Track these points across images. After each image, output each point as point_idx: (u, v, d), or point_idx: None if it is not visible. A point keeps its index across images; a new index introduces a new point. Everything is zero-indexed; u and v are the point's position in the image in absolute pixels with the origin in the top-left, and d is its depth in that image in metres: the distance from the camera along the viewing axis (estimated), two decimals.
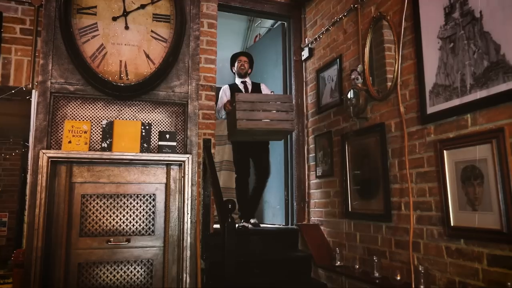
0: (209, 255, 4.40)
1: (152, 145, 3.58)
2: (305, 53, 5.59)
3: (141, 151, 3.48)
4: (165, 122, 3.67)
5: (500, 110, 2.69)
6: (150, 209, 3.58)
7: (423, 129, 3.36)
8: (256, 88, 5.34)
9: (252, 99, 4.25)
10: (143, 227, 3.56)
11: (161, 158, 3.50)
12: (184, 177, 3.55)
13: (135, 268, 3.50)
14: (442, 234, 3.11)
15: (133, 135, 3.45)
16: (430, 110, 3.25)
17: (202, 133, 4.69)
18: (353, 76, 4.21)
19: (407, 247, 3.36)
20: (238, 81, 5.40)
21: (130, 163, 3.49)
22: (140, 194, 3.58)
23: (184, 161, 3.55)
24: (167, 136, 3.52)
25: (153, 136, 3.60)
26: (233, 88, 5.28)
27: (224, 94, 5.27)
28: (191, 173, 3.57)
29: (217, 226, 4.41)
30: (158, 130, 3.61)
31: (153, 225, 3.59)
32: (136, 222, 3.54)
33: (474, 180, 2.83)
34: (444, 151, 3.08)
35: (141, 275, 3.50)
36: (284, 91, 5.88)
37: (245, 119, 4.14)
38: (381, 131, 3.84)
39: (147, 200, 3.59)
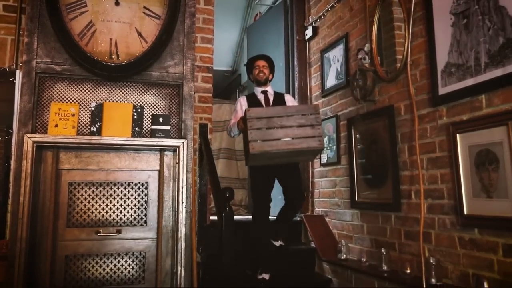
0: (205, 247, 4.43)
1: (145, 129, 3.58)
2: (308, 32, 5.58)
3: (133, 136, 3.47)
4: (158, 105, 3.67)
5: None
6: (142, 198, 3.58)
7: (434, 111, 3.37)
8: (279, 99, 4.54)
9: (268, 114, 3.65)
10: (134, 217, 3.56)
11: (154, 143, 3.49)
12: (178, 163, 3.56)
13: (126, 261, 3.50)
14: (454, 223, 3.13)
15: (124, 119, 3.45)
16: (442, 91, 3.26)
17: (198, 117, 4.70)
18: (360, 56, 4.21)
19: (417, 238, 3.38)
20: (257, 91, 4.59)
21: (120, 148, 3.48)
22: (132, 182, 3.58)
23: (178, 147, 3.55)
24: (161, 119, 3.52)
25: (145, 120, 3.60)
26: (251, 99, 4.56)
27: (240, 107, 4.54)
28: (186, 159, 3.57)
29: (214, 218, 4.43)
30: (151, 114, 3.61)
31: (145, 215, 3.59)
32: (128, 212, 3.54)
33: (488, 165, 2.84)
34: (457, 135, 3.09)
35: (132, 268, 3.51)
36: (287, 73, 5.88)
37: (259, 140, 3.60)
38: (389, 114, 3.84)
39: (139, 188, 3.59)
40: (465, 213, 3.00)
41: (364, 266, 3.96)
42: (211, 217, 4.80)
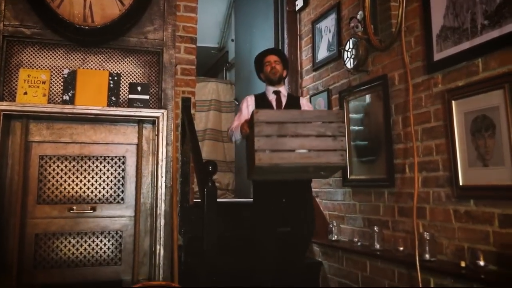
0: (188, 230, 4.44)
1: (122, 98, 3.58)
2: (299, 3, 5.59)
3: (109, 105, 3.46)
4: (136, 73, 3.67)
5: None
6: (119, 174, 3.59)
7: (429, 79, 3.40)
8: (294, 102, 4.12)
9: (281, 119, 3.19)
10: (111, 194, 3.56)
11: (132, 114, 3.48)
12: (158, 135, 3.56)
13: (101, 241, 3.51)
14: (450, 196, 3.17)
15: (99, 87, 3.44)
16: (437, 56, 3.29)
17: (180, 91, 4.70)
18: (352, 24, 4.23)
19: (411, 214, 3.42)
20: (269, 90, 4.14)
21: (96, 119, 3.47)
22: (108, 157, 3.57)
23: (158, 117, 3.55)
24: (139, 88, 3.52)
25: (122, 89, 3.60)
26: (261, 100, 4.12)
27: (246, 107, 4.11)
28: (166, 131, 3.58)
29: (198, 201, 4.44)
30: (128, 82, 3.61)
31: (122, 191, 3.59)
32: (103, 188, 3.55)
33: (485, 131, 2.88)
34: (453, 102, 3.13)
35: (108, 248, 3.51)
36: (276, 47, 5.88)
37: (268, 149, 3.13)
38: (383, 85, 3.88)
39: (115, 163, 3.59)
40: (461, 184, 3.04)
41: (356, 246, 4.00)
42: (195, 200, 4.82)
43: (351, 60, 4.22)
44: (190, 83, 4.76)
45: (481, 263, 2.81)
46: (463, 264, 2.91)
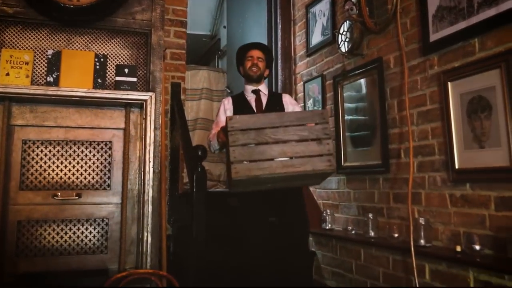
0: (177, 218, 4.46)
1: (108, 81, 3.58)
2: None
3: (95, 88, 3.45)
4: (123, 55, 3.67)
5: (511, 29, 2.76)
6: (105, 159, 3.58)
7: (425, 61, 3.43)
8: (275, 101, 3.88)
9: (257, 124, 2.97)
10: (97, 180, 3.56)
11: (119, 96, 3.47)
12: (145, 119, 3.55)
13: (86, 228, 3.50)
14: (445, 180, 3.19)
15: (85, 68, 3.44)
16: (433, 37, 3.32)
17: (170, 76, 4.72)
18: (347, 7, 4.24)
19: (406, 201, 3.44)
20: (247, 90, 3.96)
21: (81, 102, 3.46)
22: (94, 142, 3.57)
23: (146, 100, 3.54)
24: (126, 70, 3.51)
25: (109, 71, 3.59)
26: (239, 101, 3.93)
27: (223, 111, 3.94)
28: (154, 115, 3.57)
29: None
30: (115, 64, 3.61)
31: (109, 178, 3.58)
32: (89, 174, 3.54)
33: (481, 112, 2.90)
34: (449, 83, 3.15)
35: (94, 236, 3.51)
36: (269, 32, 5.89)
37: (245, 160, 2.93)
38: (378, 68, 3.90)
39: (102, 148, 3.58)
40: (457, 167, 3.07)
41: (350, 234, 4.03)
42: (185, 187, 4.83)
43: (346, 43, 4.23)
44: (180, 68, 4.77)
45: (477, 247, 2.83)
46: (458, 248, 2.94)
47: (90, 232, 3.51)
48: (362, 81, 4.16)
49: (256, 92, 3.89)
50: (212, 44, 9.37)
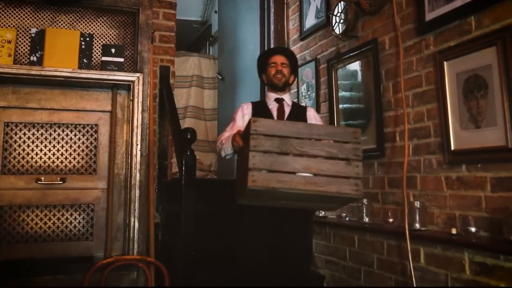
0: (166, 206, 4.47)
1: (94, 61, 3.59)
2: None
3: (80, 68, 3.45)
4: (110, 35, 3.68)
5: (507, 6, 2.79)
6: (91, 143, 3.60)
7: (421, 41, 3.46)
8: (299, 114, 3.70)
9: (283, 132, 2.78)
10: (82, 164, 3.57)
11: (105, 77, 3.47)
12: (133, 100, 3.56)
13: (71, 214, 3.51)
14: (441, 162, 3.23)
15: (70, 48, 3.44)
16: (429, 16, 3.35)
17: (158, 59, 4.73)
18: None
19: (402, 185, 3.48)
20: (270, 97, 3.73)
21: (66, 82, 3.47)
22: (79, 125, 3.58)
23: (133, 81, 3.55)
24: (113, 50, 3.52)
25: (95, 51, 3.61)
26: (259, 109, 3.71)
27: (241, 116, 3.71)
28: (142, 96, 3.58)
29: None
30: (101, 44, 3.62)
31: (94, 162, 3.60)
32: (74, 158, 3.55)
33: (477, 92, 2.94)
34: (444, 63, 3.19)
35: (79, 222, 3.52)
36: (261, 16, 5.91)
37: (264, 169, 2.72)
38: (373, 50, 3.93)
39: (87, 131, 3.60)
40: (453, 148, 3.10)
41: (344, 221, 4.06)
42: (174, 177, 4.84)
43: (340, 25, 4.26)
44: (169, 51, 4.79)
45: (472, 229, 2.87)
46: (454, 231, 2.98)
47: (75, 218, 3.52)
48: (357, 63, 4.19)
49: (280, 101, 3.69)
50: (203, 31, 9.37)
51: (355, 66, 4.22)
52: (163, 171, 4.68)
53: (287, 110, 3.66)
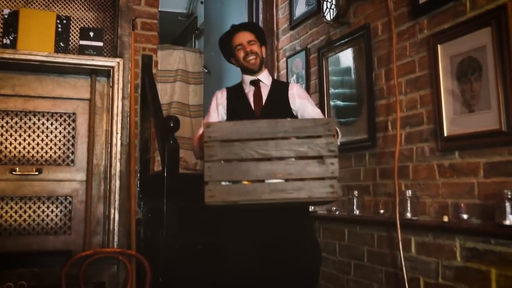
0: (148, 201, 4.51)
1: (72, 45, 3.63)
2: None
3: (56, 52, 3.49)
4: (88, 18, 3.71)
5: None
6: (69, 133, 3.63)
7: (414, 24, 3.53)
8: (279, 94, 3.45)
9: (241, 134, 2.58)
10: (59, 155, 3.60)
11: (83, 62, 3.51)
12: (113, 87, 3.60)
13: (48, 207, 3.54)
14: (434, 150, 3.30)
15: (46, 31, 3.47)
16: None
17: (140, 47, 4.77)
18: None
19: (394, 176, 3.54)
20: (245, 80, 3.50)
21: (42, 67, 3.49)
22: (56, 113, 3.61)
23: (113, 67, 3.59)
24: (91, 34, 3.56)
25: (72, 35, 3.65)
26: (235, 95, 3.50)
27: (215, 107, 3.50)
28: (123, 83, 3.61)
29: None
30: (79, 27, 3.65)
31: (72, 152, 3.63)
32: (51, 148, 3.58)
33: (471, 74, 3.01)
34: (438, 46, 3.25)
35: (56, 215, 3.56)
36: (249, 4, 5.96)
37: (222, 181, 2.56)
38: (365, 36, 3.99)
39: (65, 120, 3.63)
40: (446, 134, 3.17)
41: (334, 215, 4.11)
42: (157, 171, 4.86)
43: (331, 11, 4.32)
44: (151, 39, 4.83)
45: (464, 216, 2.95)
46: (446, 219, 3.04)
47: (52, 211, 3.55)
48: (349, 51, 4.25)
49: (256, 83, 3.45)
50: (188, 23, 9.40)
51: (347, 54, 4.28)
52: (145, 166, 4.72)
53: (264, 92, 3.42)
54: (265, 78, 3.48)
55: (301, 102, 3.39)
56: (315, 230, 3.46)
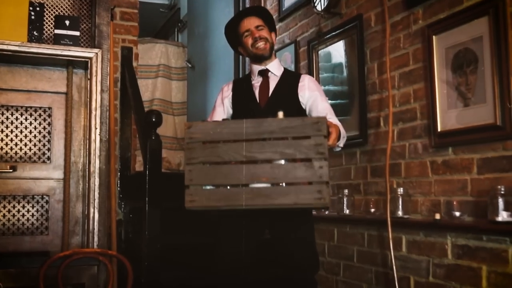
0: (129, 202, 4.54)
1: (46, 34, 3.61)
2: None
3: (30, 41, 3.47)
4: (64, 5, 3.68)
5: None
6: (44, 128, 3.61)
7: (409, 15, 3.60)
8: (288, 86, 3.39)
9: (226, 134, 2.55)
10: (34, 152, 3.59)
11: (59, 52, 3.45)
12: (91, 79, 3.57)
13: (23, 206, 3.54)
14: (427, 146, 3.39)
15: (18, 18, 3.42)
16: None
17: (120, 39, 4.79)
18: None
19: (385, 174, 3.61)
20: (254, 70, 3.45)
21: (14, 58, 3.41)
22: (31, 107, 3.59)
23: (91, 58, 3.56)
24: (67, 22, 3.51)
25: (47, 23, 3.62)
26: (242, 87, 3.47)
27: (220, 103, 3.50)
28: (101, 75, 3.58)
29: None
30: (54, 15, 3.64)
31: (48, 149, 3.62)
32: (25, 144, 3.57)
33: (466, 67, 3.09)
34: (433, 37, 3.32)
35: (32, 215, 3.55)
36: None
37: (204, 185, 2.55)
38: (358, 27, 4.06)
39: (40, 115, 3.61)
40: (439, 130, 3.24)
41: (323, 214, 4.18)
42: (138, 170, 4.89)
43: (322, 1, 4.35)
44: (131, 30, 4.84)
45: (457, 213, 3.04)
46: (437, 217, 3.12)
47: (28, 211, 3.53)
48: (340, 43, 4.32)
49: (264, 73, 3.39)
50: (170, 16, 9.38)
51: (338, 46, 4.35)
52: (126, 164, 4.75)
53: (272, 84, 3.35)
54: (275, 67, 3.42)
55: (311, 95, 3.31)
56: (313, 231, 3.32)
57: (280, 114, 2.59)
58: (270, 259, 3.25)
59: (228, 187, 2.52)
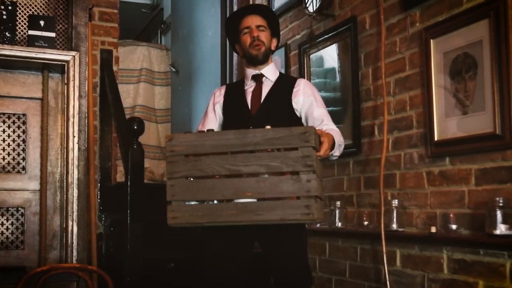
0: (110, 214, 4.55)
1: (19, 35, 3.56)
2: None
3: (2, 43, 3.44)
4: (38, 4, 3.62)
5: None
6: (18, 136, 3.59)
7: (406, 17, 3.64)
8: (282, 91, 3.37)
9: (209, 147, 2.59)
10: (8, 161, 3.57)
11: (33, 55, 3.45)
12: (68, 84, 3.54)
13: None
14: (423, 156, 3.43)
15: None
16: None
17: (99, 41, 4.81)
18: None
19: (379, 185, 3.66)
20: (248, 75, 3.44)
21: None
22: (3, 114, 3.54)
23: (68, 62, 3.53)
24: (42, 23, 3.49)
25: (20, 23, 3.57)
26: (234, 92, 3.49)
27: (212, 108, 3.49)
28: (79, 80, 3.56)
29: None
30: (27, 15, 3.61)
31: (23, 159, 3.61)
32: None
33: (465, 73, 3.13)
34: (431, 41, 3.36)
35: (6, 228, 3.54)
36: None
37: (186, 200, 2.61)
38: (352, 30, 4.10)
39: (13, 122, 3.58)
40: (436, 139, 3.29)
41: (314, 227, 4.20)
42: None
43: (314, 2, 4.39)
44: (111, 32, 4.85)
45: (453, 226, 3.09)
46: (433, 230, 3.17)
47: (2, 224, 3.52)
48: (333, 47, 4.36)
49: (258, 78, 3.37)
50: (153, 17, 9.36)
51: (331, 50, 4.39)
52: (106, 175, 4.76)
53: (265, 89, 3.34)
54: (269, 72, 3.39)
55: (306, 101, 3.29)
56: (306, 244, 3.35)
57: (268, 127, 2.63)
58: (261, 273, 3.37)
59: (211, 202, 2.58)
